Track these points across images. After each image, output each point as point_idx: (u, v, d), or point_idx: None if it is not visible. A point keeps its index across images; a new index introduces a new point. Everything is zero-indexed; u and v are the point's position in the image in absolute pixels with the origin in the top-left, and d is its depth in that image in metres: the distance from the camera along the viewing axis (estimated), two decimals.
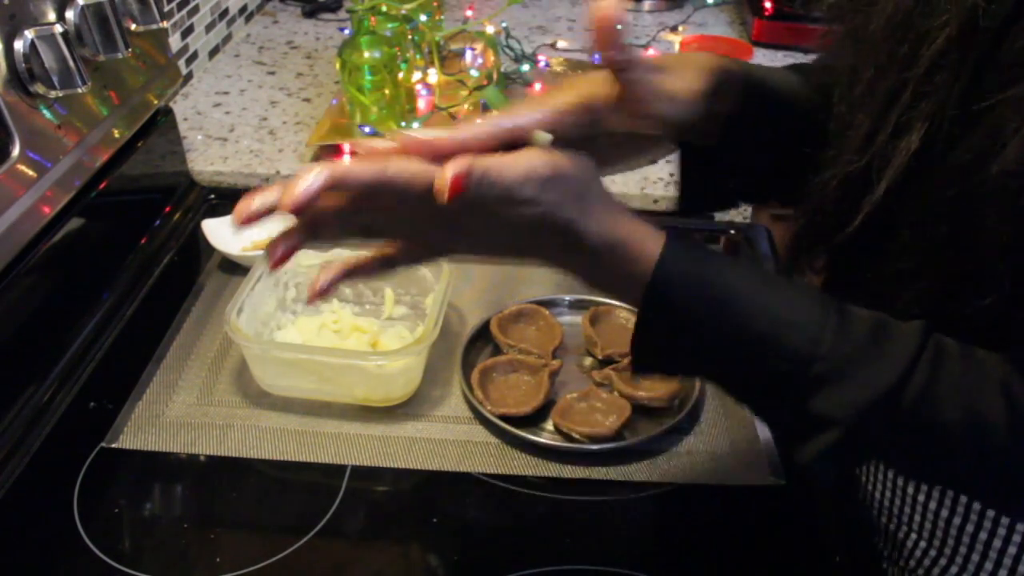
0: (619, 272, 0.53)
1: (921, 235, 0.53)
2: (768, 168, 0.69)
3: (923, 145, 0.51)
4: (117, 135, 0.93)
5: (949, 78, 0.50)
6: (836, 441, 0.51)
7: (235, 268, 0.99)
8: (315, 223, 0.52)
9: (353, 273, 0.56)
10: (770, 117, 0.66)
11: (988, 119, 0.48)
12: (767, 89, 0.67)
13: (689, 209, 0.72)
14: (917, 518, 0.67)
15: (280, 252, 0.53)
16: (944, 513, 0.65)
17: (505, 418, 0.78)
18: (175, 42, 1.30)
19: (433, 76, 1.25)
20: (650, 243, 0.53)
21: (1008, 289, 0.48)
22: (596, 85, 0.58)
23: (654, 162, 0.70)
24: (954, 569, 0.66)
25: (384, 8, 1.17)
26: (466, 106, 1.20)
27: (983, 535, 0.63)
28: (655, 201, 1.11)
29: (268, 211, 0.50)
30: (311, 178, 0.48)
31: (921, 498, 0.66)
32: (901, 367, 0.50)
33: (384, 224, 0.54)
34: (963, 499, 0.63)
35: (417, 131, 0.51)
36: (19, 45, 0.76)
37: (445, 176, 0.47)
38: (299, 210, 0.48)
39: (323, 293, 0.56)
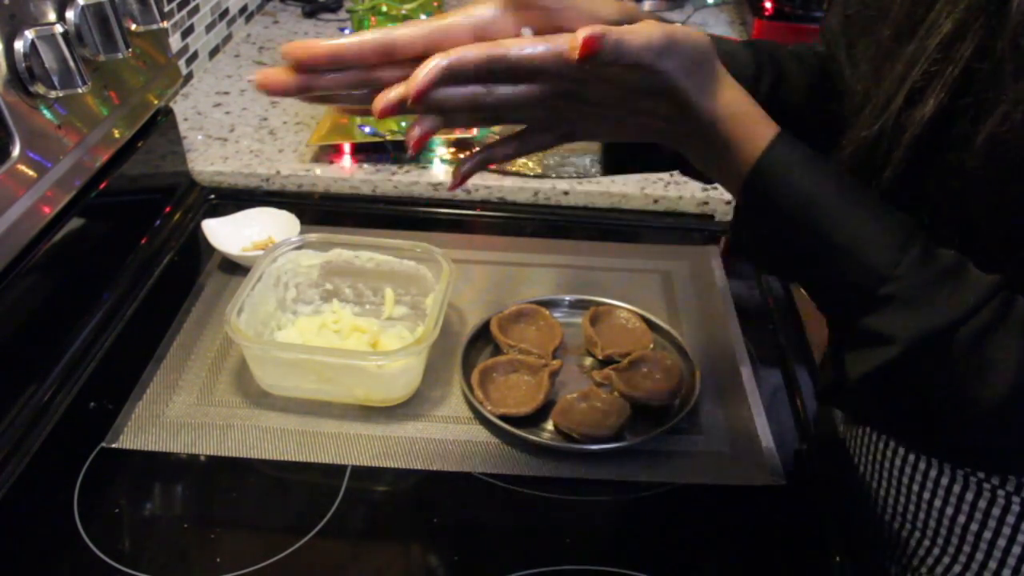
0: (727, 150, 0.55)
1: (949, 206, 0.53)
2: None
3: (940, 113, 0.52)
4: (117, 135, 0.93)
5: (968, 49, 0.50)
6: (888, 361, 0.53)
7: (235, 268, 0.99)
8: (443, 108, 0.51)
9: (490, 159, 0.58)
10: None
11: (1013, 86, 0.48)
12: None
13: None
14: (921, 515, 0.67)
15: (416, 137, 0.52)
16: (949, 511, 0.65)
17: (505, 418, 0.78)
18: (175, 42, 1.30)
19: None
20: (761, 127, 0.55)
21: None
22: None
23: None
24: (957, 568, 0.65)
25: (384, 8, 1.17)
26: None
27: (987, 534, 0.63)
28: (655, 201, 1.11)
29: (400, 102, 0.50)
30: (430, 68, 0.48)
31: (926, 495, 0.66)
32: (968, 306, 0.51)
33: (511, 104, 0.53)
34: (968, 497, 0.63)
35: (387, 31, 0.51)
36: (19, 45, 0.76)
37: (578, 37, 0.47)
38: (423, 100, 0.49)
39: (464, 179, 0.57)
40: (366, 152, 1.17)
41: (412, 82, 0.48)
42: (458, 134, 1.16)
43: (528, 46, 0.49)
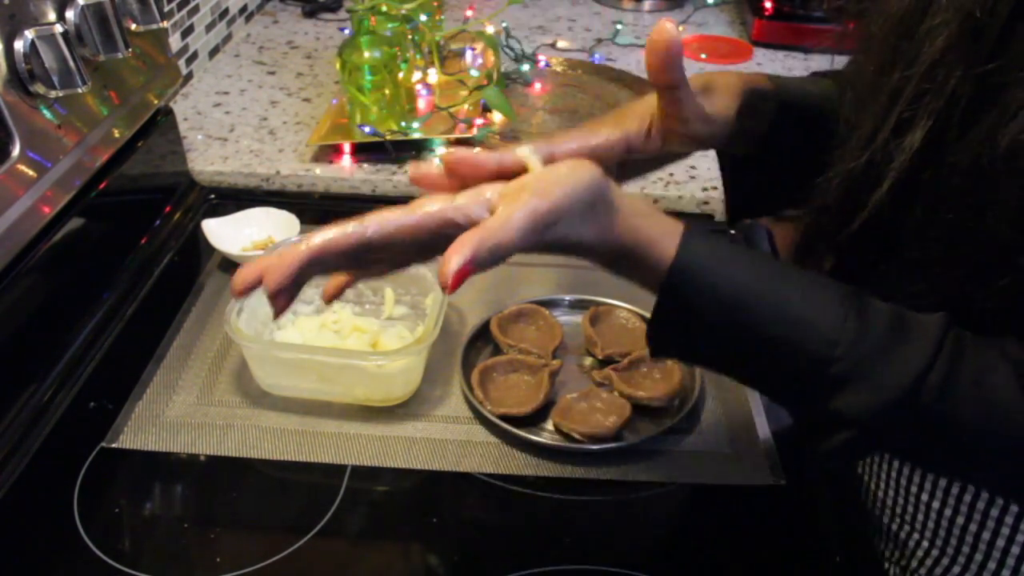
0: (637, 270, 0.55)
1: (932, 225, 0.53)
2: (811, 174, 0.70)
3: (926, 141, 0.52)
4: (117, 135, 0.93)
5: (952, 76, 0.51)
6: (852, 439, 0.52)
7: (235, 268, 0.99)
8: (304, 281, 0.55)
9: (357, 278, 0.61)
10: (806, 127, 0.67)
11: (994, 105, 0.49)
12: (801, 101, 0.69)
13: (736, 216, 0.77)
14: (920, 517, 0.67)
15: (280, 306, 0.56)
16: (947, 512, 0.65)
17: (505, 418, 0.78)
18: (175, 42, 1.30)
19: (433, 76, 1.25)
20: (664, 244, 0.53)
21: None
22: (635, 118, 0.62)
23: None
24: (956, 569, 0.65)
25: (384, 8, 1.17)
26: (466, 106, 1.20)
27: (986, 535, 0.63)
28: (655, 201, 1.11)
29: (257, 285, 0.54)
30: (289, 262, 0.52)
31: (924, 497, 0.66)
32: (920, 366, 0.50)
33: (386, 262, 0.56)
34: (967, 498, 0.63)
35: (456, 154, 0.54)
36: (19, 45, 0.76)
37: (447, 272, 0.49)
38: (282, 292, 0.54)
39: (333, 297, 0.59)
40: (366, 152, 1.17)
41: (270, 276, 0.53)
42: (458, 134, 1.16)
43: (390, 222, 0.52)
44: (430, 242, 0.52)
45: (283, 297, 0.54)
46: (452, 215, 0.51)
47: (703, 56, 1.51)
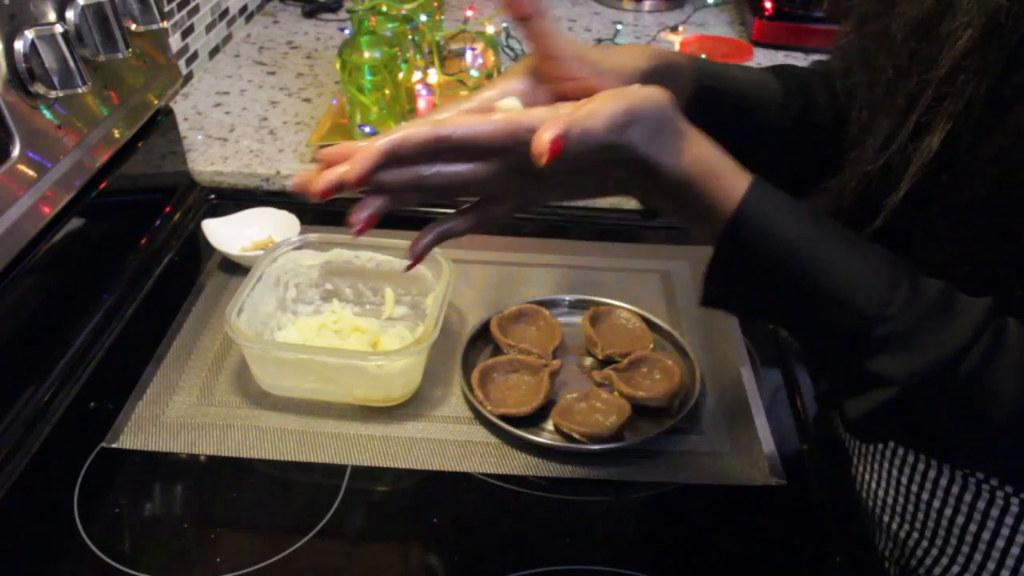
0: (701, 205, 0.54)
1: (950, 228, 0.53)
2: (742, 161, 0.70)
3: (944, 145, 0.52)
4: (117, 135, 0.93)
5: (972, 79, 0.50)
6: (888, 401, 0.52)
7: (235, 268, 0.99)
8: (388, 189, 0.52)
9: (447, 234, 0.58)
10: (725, 114, 0.67)
11: (1015, 112, 0.49)
12: (724, 86, 0.68)
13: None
14: (920, 516, 0.67)
15: (362, 221, 0.52)
16: (948, 512, 0.65)
17: (505, 418, 0.78)
18: (175, 42, 1.30)
19: (433, 76, 1.24)
20: (734, 179, 0.54)
21: None
22: (522, 65, 0.60)
23: None
24: (956, 568, 0.66)
25: (384, 8, 1.17)
26: None
27: (986, 534, 0.63)
28: None
29: (340, 186, 0.50)
30: (370, 150, 0.49)
31: (925, 496, 0.66)
32: (964, 338, 0.51)
33: (460, 183, 0.53)
34: (967, 498, 0.63)
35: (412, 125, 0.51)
36: (19, 45, 0.76)
37: (543, 140, 0.47)
38: (364, 183, 0.49)
39: (419, 258, 0.57)
40: None
41: (353, 165, 0.49)
42: None
43: (477, 125, 0.50)
44: (502, 151, 0.51)
45: (375, 202, 0.52)
46: (529, 122, 0.49)
47: (703, 56, 1.51)
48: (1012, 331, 0.52)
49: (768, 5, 1.55)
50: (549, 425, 0.80)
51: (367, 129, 1.14)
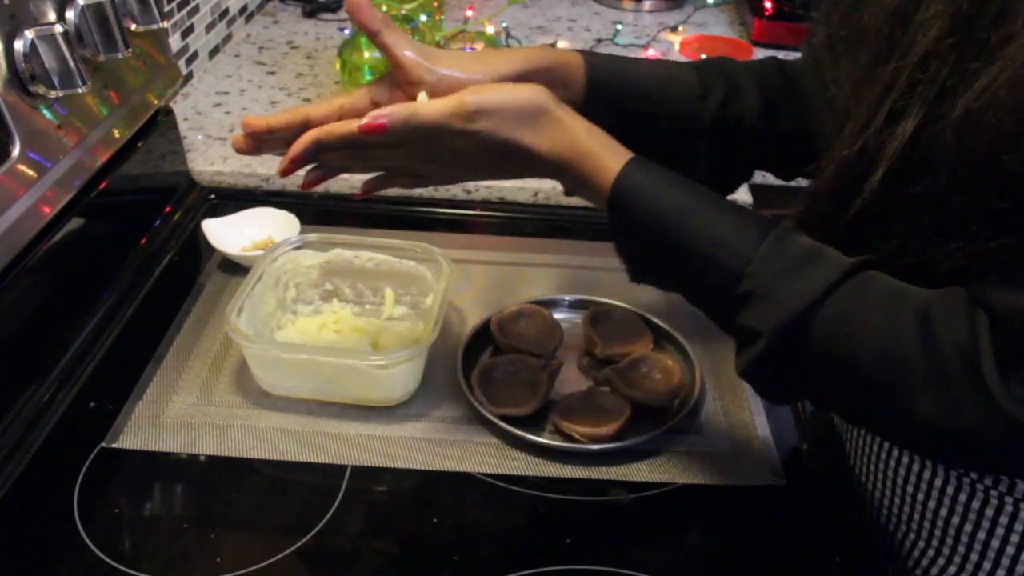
0: (586, 184, 0.62)
1: (928, 215, 0.53)
2: (649, 154, 0.71)
3: (918, 130, 0.53)
4: (117, 135, 0.93)
5: (945, 65, 0.51)
6: (761, 353, 0.56)
7: (235, 268, 0.99)
8: (327, 165, 0.68)
9: (365, 189, 0.73)
10: (628, 109, 0.72)
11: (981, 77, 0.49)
12: (621, 82, 0.72)
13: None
14: (916, 517, 0.67)
15: (307, 182, 0.70)
16: (943, 513, 0.65)
17: (505, 418, 0.78)
18: (175, 42, 1.30)
19: None
20: (612, 158, 0.61)
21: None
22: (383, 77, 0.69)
23: None
24: (952, 569, 0.66)
25: (384, 8, 1.17)
26: None
27: (981, 535, 0.63)
28: None
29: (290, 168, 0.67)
30: (303, 143, 0.65)
31: (920, 497, 0.66)
32: (820, 288, 0.54)
33: (376, 161, 0.68)
34: (961, 498, 0.63)
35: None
36: (19, 45, 0.76)
37: (364, 120, 0.60)
38: (295, 167, 0.66)
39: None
40: None
41: (290, 152, 0.65)
42: None
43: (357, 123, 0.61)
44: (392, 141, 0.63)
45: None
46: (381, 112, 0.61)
47: (703, 56, 1.51)
48: (878, 284, 0.54)
49: (768, 5, 1.55)
50: (549, 425, 0.80)
51: None
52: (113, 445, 0.77)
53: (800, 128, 0.70)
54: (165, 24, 0.99)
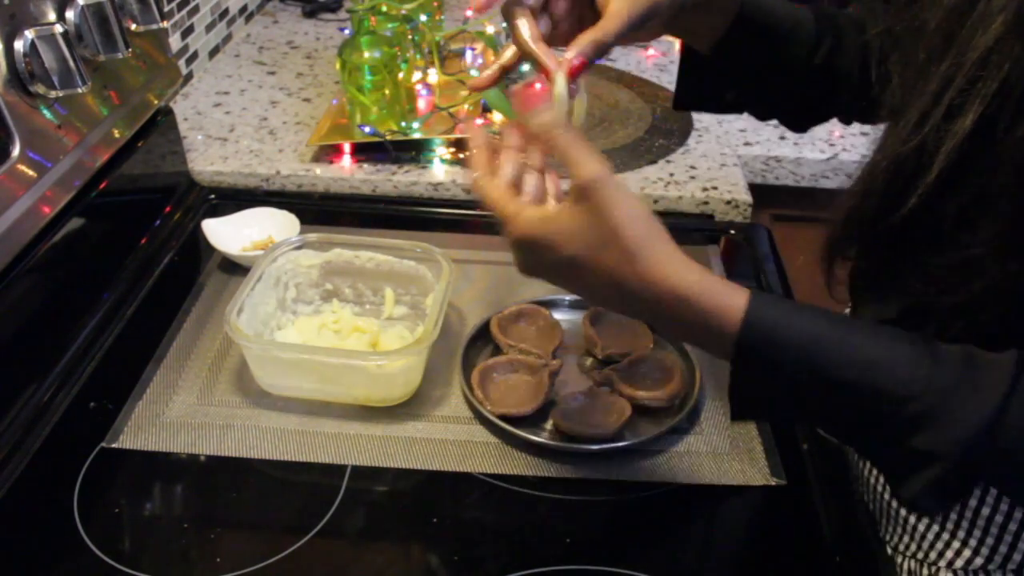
0: (701, 326, 0.55)
1: (985, 216, 0.53)
2: (761, 86, 0.76)
3: (978, 127, 0.52)
4: (117, 135, 0.93)
5: (1006, 62, 0.51)
6: (940, 476, 0.52)
7: (235, 268, 0.99)
8: None
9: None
10: (762, 43, 0.74)
11: None
12: (764, 17, 0.73)
13: (680, 104, 0.81)
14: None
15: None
16: (972, 503, 0.65)
17: (505, 418, 0.78)
18: (175, 42, 1.30)
19: (433, 76, 1.25)
20: (731, 296, 0.55)
21: None
22: None
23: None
24: (979, 560, 0.66)
25: (384, 8, 1.17)
26: (466, 106, 1.20)
27: (1012, 526, 0.63)
28: (655, 201, 1.11)
29: None
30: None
31: None
32: (998, 397, 0.51)
33: None
34: (992, 491, 0.63)
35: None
36: (19, 45, 0.76)
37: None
38: None
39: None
40: (366, 152, 1.17)
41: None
42: (458, 134, 1.16)
43: None
44: None
45: None
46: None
47: None
48: None
49: None
50: (549, 425, 0.79)
51: (367, 129, 1.14)
52: (113, 445, 0.77)
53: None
54: (165, 24, 0.99)
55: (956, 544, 0.67)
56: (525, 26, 0.63)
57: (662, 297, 0.55)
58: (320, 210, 1.11)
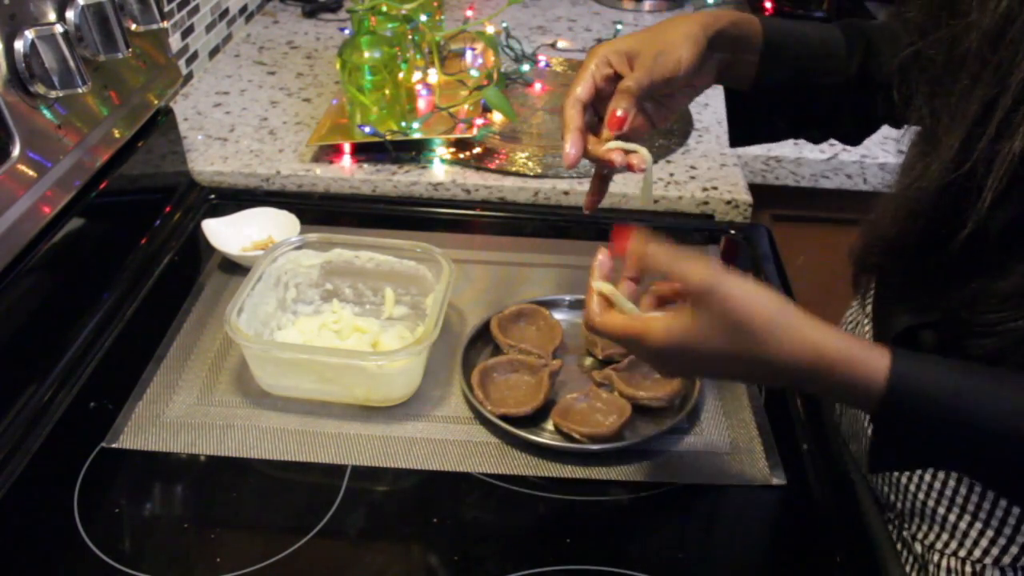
0: (847, 388, 0.58)
1: None
2: (806, 108, 0.81)
3: None
4: (117, 135, 0.94)
5: None
6: None
7: (235, 268, 0.99)
8: None
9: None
10: (798, 70, 0.77)
11: None
12: (794, 45, 0.77)
13: (736, 142, 0.87)
14: (986, 506, 0.67)
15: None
16: (1003, 502, 0.65)
17: (505, 418, 0.78)
18: (175, 42, 1.30)
19: (433, 76, 1.25)
20: (874, 359, 0.57)
21: None
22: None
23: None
24: (1015, 549, 0.66)
25: (384, 8, 1.17)
26: (466, 106, 1.20)
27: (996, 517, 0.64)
28: (655, 201, 1.11)
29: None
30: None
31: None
32: None
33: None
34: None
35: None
36: (19, 45, 0.76)
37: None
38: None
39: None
40: (366, 152, 1.17)
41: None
42: (458, 134, 1.16)
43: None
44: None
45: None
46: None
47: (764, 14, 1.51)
48: None
49: (768, 5, 1.55)
50: (549, 425, 0.79)
51: (367, 129, 1.14)
52: (113, 445, 0.77)
53: None
54: (165, 24, 0.99)
55: (1002, 540, 0.67)
56: (576, 127, 0.72)
57: (803, 368, 0.57)
58: (320, 210, 1.11)
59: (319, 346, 0.86)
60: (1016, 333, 0.56)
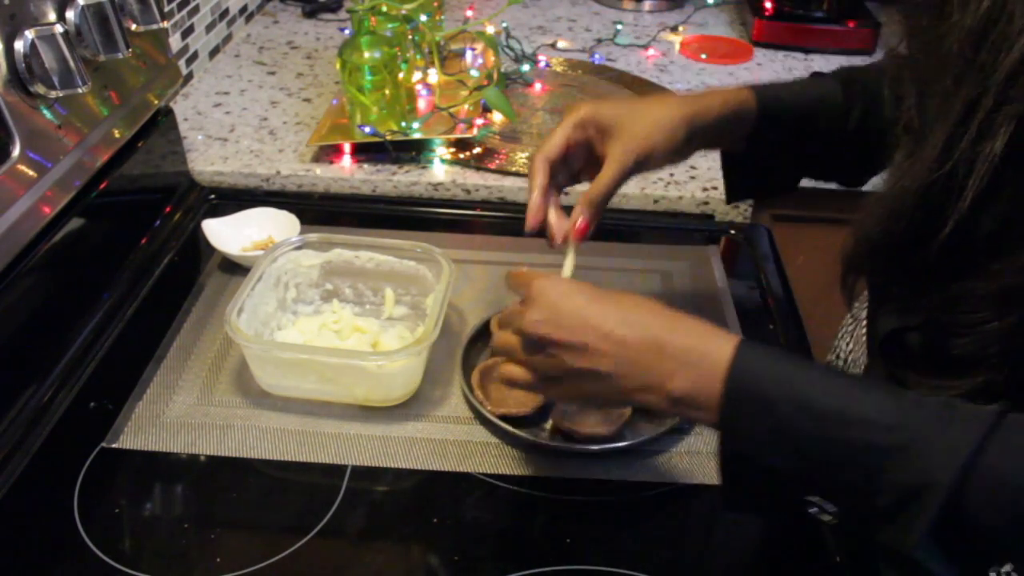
0: (682, 377, 0.58)
1: (1012, 241, 0.53)
2: (803, 164, 0.84)
3: (1008, 150, 0.52)
4: (117, 135, 0.94)
5: None
6: (940, 507, 0.50)
7: (235, 268, 0.99)
8: None
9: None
10: (792, 129, 0.79)
11: None
12: (787, 107, 0.78)
13: (733, 198, 0.88)
14: None
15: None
16: None
17: (505, 418, 0.78)
18: (175, 42, 1.30)
19: (433, 76, 1.25)
20: (718, 345, 0.58)
21: None
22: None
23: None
24: None
25: (384, 8, 1.17)
26: (466, 106, 1.20)
27: None
28: (655, 201, 1.11)
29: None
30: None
31: None
32: (985, 427, 0.51)
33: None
34: None
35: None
36: (19, 45, 0.76)
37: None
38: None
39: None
40: (366, 152, 1.17)
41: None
42: (458, 134, 1.16)
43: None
44: None
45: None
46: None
47: (703, 56, 1.51)
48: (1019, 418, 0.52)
49: (768, 5, 1.55)
50: (549, 425, 0.80)
51: (367, 129, 1.14)
52: (113, 445, 0.77)
53: None
54: (165, 24, 0.99)
55: None
56: (540, 186, 0.75)
57: (654, 343, 0.60)
58: (320, 210, 1.11)
59: (319, 346, 0.86)
60: (994, 334, 0.55)
